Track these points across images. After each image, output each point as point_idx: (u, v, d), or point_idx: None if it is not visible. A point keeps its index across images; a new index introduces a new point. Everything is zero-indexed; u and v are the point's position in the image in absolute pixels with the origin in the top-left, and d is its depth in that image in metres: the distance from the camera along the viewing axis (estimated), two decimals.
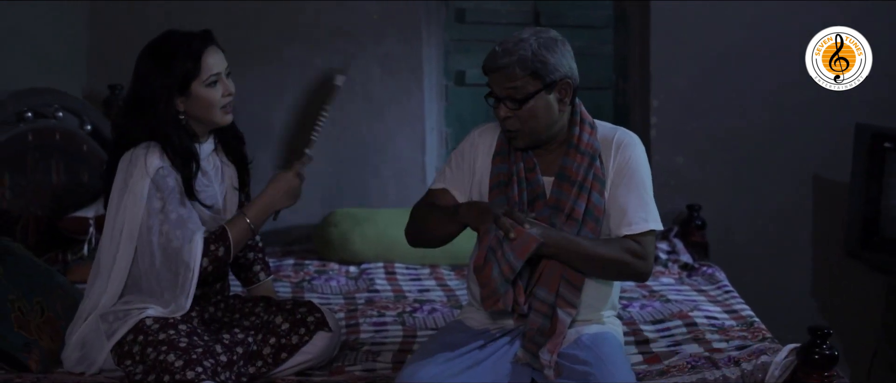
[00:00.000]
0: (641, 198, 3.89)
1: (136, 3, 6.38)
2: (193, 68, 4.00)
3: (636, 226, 3.86)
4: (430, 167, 6.63)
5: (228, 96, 4.09)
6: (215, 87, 4.05)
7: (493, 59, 3.81)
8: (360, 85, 6.52)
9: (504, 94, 3.81)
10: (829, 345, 3.86)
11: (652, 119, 6.50)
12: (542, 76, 3.78)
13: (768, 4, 6.40)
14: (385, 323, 4.93)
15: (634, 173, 3.90)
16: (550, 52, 3.78)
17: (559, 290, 3.84)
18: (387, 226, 6.02)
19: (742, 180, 6.56)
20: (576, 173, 3.88)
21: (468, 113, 6.74)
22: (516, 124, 3.84)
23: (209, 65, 4.03)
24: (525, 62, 3.76)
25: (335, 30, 6.48)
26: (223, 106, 4.08)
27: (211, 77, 4.03)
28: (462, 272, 5.76)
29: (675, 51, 6.49)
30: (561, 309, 3.84)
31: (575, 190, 3.87)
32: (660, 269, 5.80)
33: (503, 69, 3.78)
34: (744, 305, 5.10)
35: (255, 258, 4.58)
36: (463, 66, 6.74)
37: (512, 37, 3.83)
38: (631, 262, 3.84)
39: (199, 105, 4.04)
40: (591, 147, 3.90)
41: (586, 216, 3.86)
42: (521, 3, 6.75)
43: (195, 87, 4.01)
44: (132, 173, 3.97)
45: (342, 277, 5.77)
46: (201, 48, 4.03)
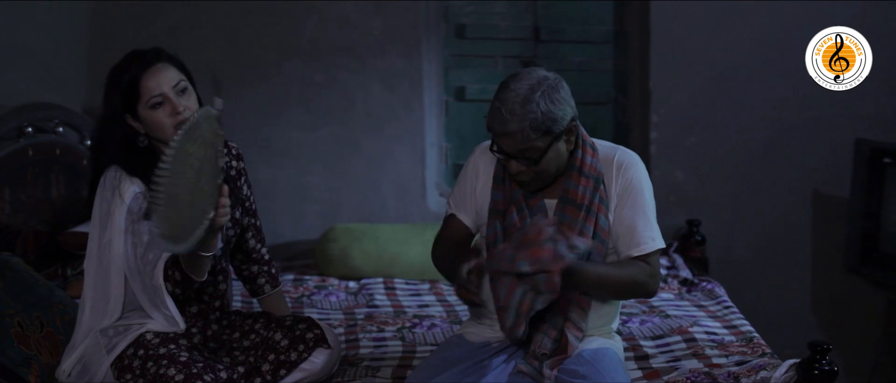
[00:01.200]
0: (647, 218, 3.92)
1: (138, 18, 6.38)
2: (132, 93, 3.94)
3: (645, 246, 3.89)
4: (430, 182, 6.63)
5: (175, 116, 3.93)
6: (159, 109, 3.94)
7: (502, 125, 3.74)
8: (361, 100, 6.53)
9: (521, 155, 3.80)
10: (829, 361, 3.86)
11: (651, 134, 6.51)
12: (554, 131, 3.78)
13: (768, 21, 6.41)
14: (385, 339, 4.93)
15: (639, 194, 3.93)
16: (557, 105, 3.76)
17: (568, 314, 3.87)
18: (386, 242, 6.02)
19: (742, 196, 6.56)
20: (582, 197, 3.88)
21: (468, 128, 6.74)
22: (530, 175, 3.85)
23: (149, 88, 3.94)
24: (537, 125, 3.73)
25: (336, 45, 6.49)
26: (174, 125, 3.92)
27: (151, 99, 3.93)
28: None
29: (675, 66, 6.50)
30: (570, 331, 3.86)
31: (582, 213, 3.88)
32: (659, 285, 5.80)
33: (514, 134, 3.74)
34: (743, 320, 5.10)
35: (260, 271, 4.57)
36: (463, 82, 6.74)
37: (513, 94, 3.74)
38: (645, 282, 3.88)
39: (150, 127, 3.98)
40: (594, 170, 3.92)
41: (594, 239, 3.87)
42: (521, 18, 6.75)
43: (141, 110, 3.95)
44: (111, 204, 3.96)
45: (342, 293, 5.77)
46: (139, 72, 3.95)
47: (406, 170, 6.60)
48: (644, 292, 3.98)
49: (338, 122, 6.54)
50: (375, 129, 6.55)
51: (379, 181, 6.60)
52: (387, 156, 6.57)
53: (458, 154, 6.75)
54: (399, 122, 6.56)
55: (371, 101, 6.54)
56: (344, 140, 6.52)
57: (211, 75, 3.88)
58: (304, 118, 6.51)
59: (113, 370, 3.98)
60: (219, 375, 3.90)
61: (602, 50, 6.77)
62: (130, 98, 3.94)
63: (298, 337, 4.17)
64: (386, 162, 6.57)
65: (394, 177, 6.58)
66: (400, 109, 6.55)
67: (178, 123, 3.87)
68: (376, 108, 6.55)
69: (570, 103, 3.82)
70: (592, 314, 3.96)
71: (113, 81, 3.99)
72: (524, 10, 6.75)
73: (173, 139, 3.64)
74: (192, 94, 4.02)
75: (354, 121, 6.55)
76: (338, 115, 6.54)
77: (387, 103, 6.54)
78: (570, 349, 3.85)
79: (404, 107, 6.55)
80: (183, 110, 3.91)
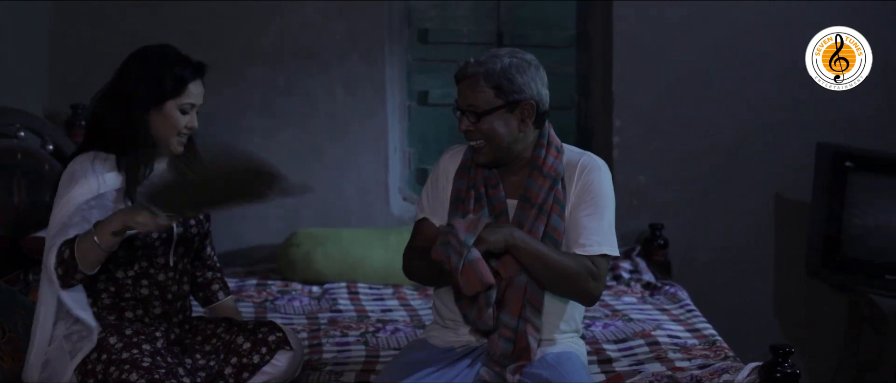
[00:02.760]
0: (600, 223, 3.89)
1: (99, 22, 6.35)
2: (177, 88, 4.04)
3: (589, 249, 3.85)
4: (394, 186, 6.63)
5: (189, 130, 4.11)
6: (185, 115, 4.08)
7: (463, 69, 3.86)
8: (324, 104, 6.52)
9: (466, 107, 3.84)
10: (791, 364, 3.88)
11: (614, 139, 6.52)
12: (506, 93, 3.80)
13: (731, 26, 6.43)
14: (348, 343, 4.92)
15: (595, 197, 3.91)
16: (519, 73, 3.82)
17: (522, 312, 3.85)
18: (350, 246, 6.01)
19: (704, 199, 6.59)
20: (536, 196, 3.89)
21: (431, 132, 6.74)
22: (477, 137, 3.86)
23: (191, 92, 4.08)
24: (491, 75, 3.79)
25: (298, 49, 6.48)
26: (181, 134, 4.10)
27: (186, 104, 4.07)
28: (425, 292, 5.75)
29: (638, 71, 6.52)
30: (528, 333, 3.84)
31: (534, 211, 3.87)
32: (622, 288, 5.82)
33: (469, 78, 3.82)
34: (706, 324, 5.11)
35: (213, 277, 4.54)
36: (426, 86, 6.74)
37: (491, 51, 3.89)
38: (586, 279, 3.82)
39: (163, 124, 4.05)
40: (553, 170, 3.91)
41: (545, 238, 3.85)
42: (484, 23, 6.76)
43: (169, 105, 4.04)
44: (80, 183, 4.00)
45: (305, 297, 5.76)
46: (193, 75, 4.09)
47: (369, 175, 6.59)
48: (583, 290, 3.87)
49: (300, 127, 6.53)
50: (338, 134, 6.54)
51: (342, 185, 6.59)
52: (350, 161, 6.56)
53: (422, 158, 6.75)
54: (362, 127, 6.55)
55: (334, 106, 6.54)
56: (307, 144, 6.51)
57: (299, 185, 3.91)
58: (267, 123, 6.50)
59: (76, 375, 3.97)
60: (181, 381, 3.89)
61: (565, 54, 6.78)
62: (168, 91, 4.04)
63: (260, 340, 4.15)
64: (349, 166, 6.56)
65: (357, 182, 6.58)
66: (363, 114, 6.55)
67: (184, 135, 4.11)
68: (339, 113, 6.54)
69: (537, 84, 3.86)
70: (554, 317, 3.93)
71: (161, 67, 4.06)
72: (487, 14, 6.76)
73: (260, 162, 3.76)
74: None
75: (317, 125, 6.54)
76: (300, 120, 6.53)
77: (350, 108, 6.54)
78: (531, 353, 3.84)
79: (367, 112, 6.55)
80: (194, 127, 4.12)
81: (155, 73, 4.04)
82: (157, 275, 4.14)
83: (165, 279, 4.16)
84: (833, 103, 6.32)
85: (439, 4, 6.77)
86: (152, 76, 4.03)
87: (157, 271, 4.14)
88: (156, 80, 4.03)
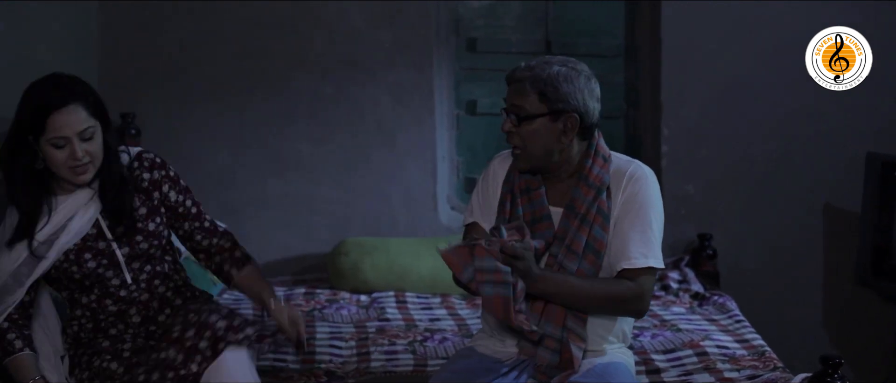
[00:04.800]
0: (644, 235, 3.82)
1: (148, 32, 6.38)
2: (38, 125, 3.83)
3: (635, 261, 3.79)
4: (442, 196, 6.63)
5: (74, 161, 3.88)
6: (60, 150, 3.86)
7: (513, 72, 3.85)
8: (371, 113, 6.53)
9: (512, 109, 3.82)
10: (841, 375, 3.85)
11: (662, 148, 6.50)
12: (550, 101, 3.77)
13: (779, 35, 6.40)
14: (396, 352, 4.93)
15: (640, 209, 3.84)
16: (566, 82, 3.78)
17: (566, 323, 3.81)
18: (397, 255, 6.02)
19: (753, 209, 6.56)
20: (580, 206, 3.84)
21: (479, 141, 6.74)
22: (518, 140, 3.84)
23: (56, 125, 3.83)
24: (537, 81, 3.77)
25: (345, 58, 6.49)
26: (70, 167, 3.89)
27: (55, 139, 3.84)
28: (473, 301, 5.75)
29: (686, 80, 6.50)
30: (572, 342, 3.80)
31: (577, 221, 3.83)
32: (671, 299, 5.80)
33: (517, 82, 3.81)
34: (755, 334, 5.09)
35: (222, 260, 4.31)
36: (474, 95, 6.74)
37: (547, 57, 3.88)
38: (625, 300, 3.79)
39: (48, 161, 3.91)
40: (599, 180, 3.86)
41: (586, 249, 3.81)
42: (533, 32, 6.76)
43: (42, 143, 3.86)
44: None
45: (353, 306, 5.76)
46: (52, 106, 3.83)
47: (417, 184, 6.59)
48: (625, 311, 3.87)
49: (348, 135, 6.54)
50: (386, 143, 6.55)
51: (389, 194, 6.59)
52: (398, 170, 6.56)
53: (470, 167, 6.74)
54: (409, 136, 6.56)
55: (382, 115, 6.54)
56: (354, 153, 6.52)
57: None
58: (314, 131, 6.52)
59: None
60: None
61: (613, 63, 6.77)
62: (36, 129, 3.84)
63: (191, 348, 3.89)
64: (397, 175, 6.57)
65: (404, 191, 6.58)
66: (410, 123, 6.55)
67: (73, 168, 3.89)
68: (387, 122, 6.55)
69: (584, 95, 3.82)
70: (600, 328, 3.90)
71: (26, 100, 3.90)
72: (535, 23, 6.75)
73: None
74: (97, 139, 3.95)
75: (364, 134, 6.55)
76: (348, 128, 6.54)
77: (397, 116, 6.54)
78: (576, 362, 3.82)
79: (415, 121, 6.55)
80: (82, 157, 3.88)
81: (24, 108, 3.88)
82: (118, 292, 4.06)
83: (128, 294, 4.07)
84: (882, 113, 6.29)
85: (487, 13, 6.77)
86: (23, 110, 3.88)
87: (117, 289, 4.06)
88: (20, 117, 3.88)
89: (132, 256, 4.07)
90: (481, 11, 6.78)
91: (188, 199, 4.26)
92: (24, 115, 3.87)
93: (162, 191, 4.18)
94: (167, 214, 4.21)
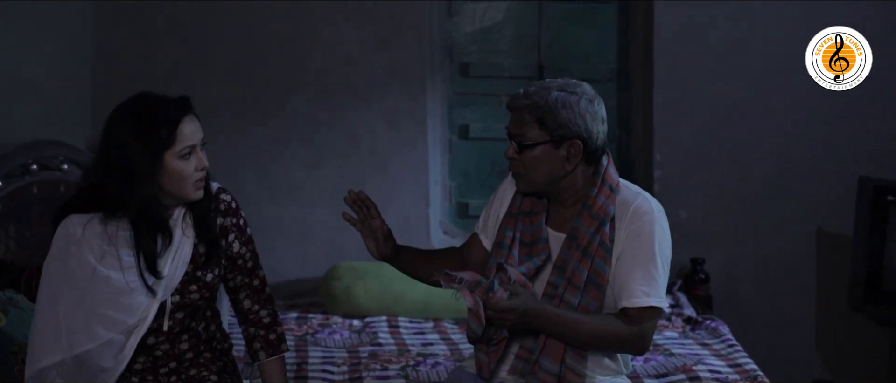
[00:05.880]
0: (647, 272, 3.70)
1: (142, 56, 6.40)
2: (168, 137, 3.61)
3: (636, 300, 3.68)
4: (434, 220, 6.64)
5: (201, 170, 3.70)
6: (188, 160, 3.66)
7: (513, 98, 3.75)
8: (365, 138, 6.54)
9: (513, 137, 3.75)
10: None
11: (655, 172, 6.52)
12: (550, 129, 3.69)
13: (771, 62, 6.42)
14: (389, 378, 4.93)
15: (644, 245, 3.71)
16: (565, 108, 3.69)
17: (564, 360, 3.72)
18: (390, 280, 6.01)
19: (745, 233, 6.57)
20: (583, 237, 3.73)
21: (472, 166, 6.75)
22: (519, 167, 3.77)
23: (185, 135, 3.64)
24: (535, 109, 3.68)
25: (340, 83, 6.51)
26: (195, 180, 3.69)
27: (185, 148, 3.64)
28: (466, 326, 5.74)
29: (678, 105, 6.52)
30: (569, 379, 3.71)
31: (579, 254, 3.73)
32: (663, 323, 5.80)
33: (517, 110, 3.73)
34: (747, 359, 5.10)
35: (256, 334, 4.02)
36: (467, 120, 6.75)
37: (547, 81, 3.79)
38: (625, 339, 3.69)
39: (170, 178, 3.65)
40: (603, 210, 3.74)
41: (588, 283, 3.71)
42: (526, 57, 6.77)
43: (168, 158, 3.62)
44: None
45: (345, 331, 5.76)
46: (179, 116, 3.65)
47: (410, 209, 6.59)
48: (625, 349, 3.78)
49: (342, 160, 6.55)
50: (379, 168, 6.56)
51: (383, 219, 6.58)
52: (391, 195, 6.56)
53: (462, 192, 6.75)
54: (403, 161, 6.57)
55: (375, 140, 6.55)
56: (348, 178, 6.52)
57: None
58: (308, 156, 6.53)
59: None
60: None
61: (606, 88, 6.77)
62: (165, 143, 3.62)
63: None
64: (390, 200, 6.56)
65: (398, 216, 6.57)
66: (404, 148, 6.56)
67: (199, 180, 3.71)
68: (380, 146, 6.56)
69: (585, 120, 3.73)
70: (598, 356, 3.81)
71: (146, 125, 3.62)
72: (528, 48, 6.77)
73: None
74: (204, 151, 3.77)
75: (358, 159, 6.56)
76: (342, 153, 6.55)
77: (391, 141, 6.55)
78: None
79: (408, 146, 6.56)
80: (205, 166, 3.72)
81: (146, 130, 3.61)
82: (147, 338, 3.78)
83: (155, 342, 3.81)
84: (874, 137, 6.30)
85: (480, 38, 6.79)
86: (145, 134, 3.61)
87: (148, 334, 3.77)
88: (149, 138, 3.61)
89: (180, 305, 3.81)
90: (474, 37, 6.80)
91: (249, 252, 3.98)
92: (152, 138, 3.61)
93: (228, 239, 3.92)
94: (225, 265, 3.94)
